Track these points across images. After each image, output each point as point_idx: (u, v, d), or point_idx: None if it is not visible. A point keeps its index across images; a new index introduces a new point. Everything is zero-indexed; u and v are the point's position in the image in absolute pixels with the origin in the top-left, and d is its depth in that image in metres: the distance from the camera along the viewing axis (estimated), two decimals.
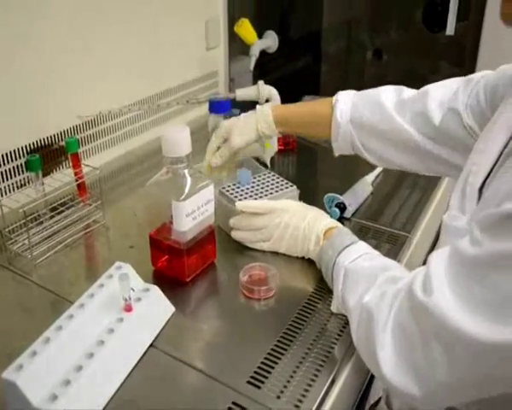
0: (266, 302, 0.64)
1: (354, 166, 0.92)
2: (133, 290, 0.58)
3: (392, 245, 0.75)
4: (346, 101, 0.73)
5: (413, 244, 0.78)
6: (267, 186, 0.79)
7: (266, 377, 0.53)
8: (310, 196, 0.76)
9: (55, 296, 0.65)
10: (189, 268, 0.67)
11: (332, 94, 0.76)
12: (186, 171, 0.64)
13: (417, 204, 0.86)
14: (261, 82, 0.98)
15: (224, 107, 1.04)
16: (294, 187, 0.79)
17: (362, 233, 0.77)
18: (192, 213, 0.64)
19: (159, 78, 1.13)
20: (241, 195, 0.76)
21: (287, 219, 0.69)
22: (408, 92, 0.69)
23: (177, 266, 0.67)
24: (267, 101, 0.98)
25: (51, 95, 0.89)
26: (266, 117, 0.76)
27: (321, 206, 0.75)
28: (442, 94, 0.65)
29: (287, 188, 0.79)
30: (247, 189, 0.78)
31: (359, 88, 0.76)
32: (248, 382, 0.52)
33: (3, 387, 0.47)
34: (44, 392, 0.47)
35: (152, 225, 0.68)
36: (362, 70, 1.59)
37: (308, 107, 0.75)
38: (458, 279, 0.40)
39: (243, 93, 1.00)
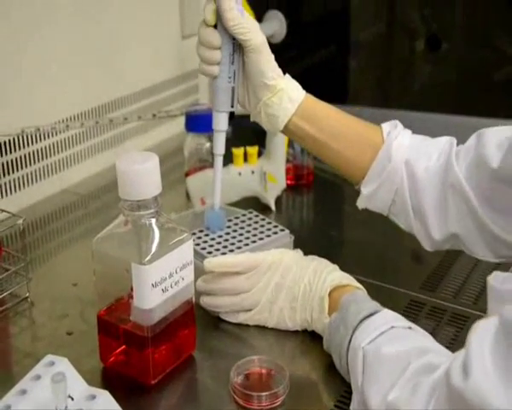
0: None
1: None
2: (72, 399, 0.58)
3: (457, 328, 0.76)
4: (403, 135, 0.77)
5: None
6: (248, 232, 0.83)
7: None
8: (329, 253, 0.78)
9: None
10: (155, 366, 0.67)
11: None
12: (153, 221, 0.66)
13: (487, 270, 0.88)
14: None
15: (208, 123, 1.05)
16: (287, 232, 0.84)
17: (412, 310, 0.79)
18: (161, 283, 0.65)
19: (112, 80, 1.16)
20: (213, 246, 0.80)
21: (278, 279, 0.72)
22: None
23: (139, 363, 0.67)
24: None
25: None
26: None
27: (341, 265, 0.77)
28: (500, 131, 0.71)
29: (276, 233, 0.83)
30: (221, 237, 0.81)
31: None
32: None
33: None
34: None
35: (101, 301, 0.69)
36: (410, 67, 1.63)
37: (350, 117, 0.79)
38: (507, 357, 0.44)
39: None
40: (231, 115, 0.81)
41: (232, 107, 0.79)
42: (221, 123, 0.80)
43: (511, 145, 0.67)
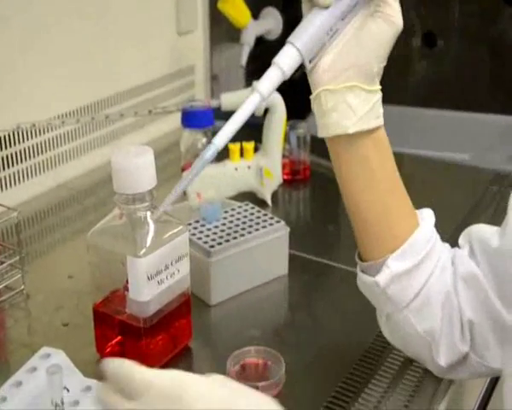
0: None
1: None
2: (67, 390, 0.58)
3: None
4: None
5: None
6: (244, 223, 0.83)
7: None
8: (326, 247, 0.78)
9: None
10: (151, 356, 0.67)
11: None
12: (148, 214, 0.66)
13: None
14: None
15: (204, 119, 1.07)
16: (282, 223, 0.84)
17: None
18: (157, 276, 0.65)
19: (108, 76, 1.17)
20: (209, 236, 0.80)
21: None
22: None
23: (135, 353, 0.67)
24: (266, 111, 1.02)
25: None
26: None
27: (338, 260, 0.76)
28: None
29: (271, 225, 0.83)
30: (217, 228, 0.82)
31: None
32: None
33: None
34: None
35: (97, 293, 0.69)
36: (407, 64, 1.64)
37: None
38: None
39: (231, 99, 1.03)
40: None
41: (301, 60, 0.60)
42: (282, 60, 0.60)
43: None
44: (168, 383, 0.46)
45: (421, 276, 0.63)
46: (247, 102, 0.59)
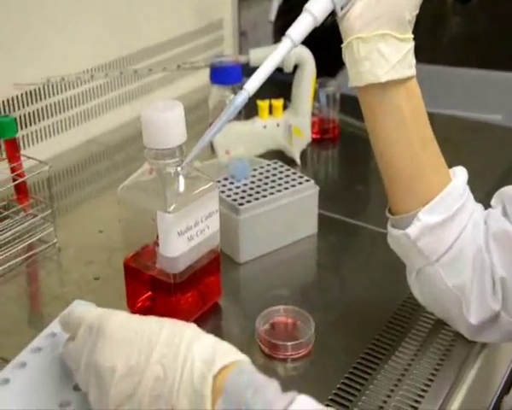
0: (296, 364, 0.65)
1: None
2: None
3: None
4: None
5: None
6: (273, 182, 0.83)
7: None
8: (355, 208, 0.77)
9: None
10: (181, 312, 0.68)
11: None
12: (178, 169, 0.66)
13: None
14: None
15: (233, 75, 1.06)
16: (312, 182, 0.83)
17: None
18: (187, 232, 0.65)
19: (136, 30, 1.15)
20: (238, 194, 0.80)
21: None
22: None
23: (165, 309, 0.68)
24: (295, 68, 1.00)
25: None
26: None
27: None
28: None
29: (300, 184, 0.82)
30: (246, 185, 0.82)
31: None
32: None
33: None
34: None
35: (127, 248, 0.70)
36: (439, 21, 1.60)
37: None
38: None
39: (261, 55, 1.02)
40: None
41: (333, 6, 0.58)
42: (314, 6, 0.58)
43: None
44: (94, 318, 0.51)
45: (453, 230, 0.62)
46: (278, 49, 0.58)
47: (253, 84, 0.57)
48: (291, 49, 0.58)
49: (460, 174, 0.65)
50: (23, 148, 0.98)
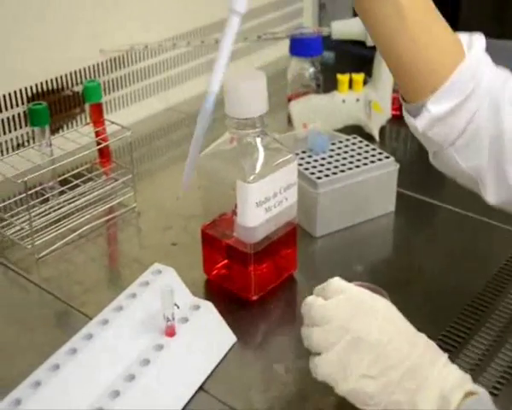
0: None
1: None
2: (177, 307, 0.59)
3: None
4: (482, 53, 0.60)
5: None
6: (352, 157, 0.81)
7: None
8: (434, 187, 0.74)
9: (64, 305, 0.69)
10: (257, 282, 0.68)
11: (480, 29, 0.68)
12: (258, 140, 0.65)
13: None
14: None
15: (313, 47, 1.05)
16: (392, 159, 0.81)
17: None
18: (265, 202, 0.65)
19: (218, 0, 1.14)
20: (316, 167, 0.79)
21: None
22: None
23: (241, 278, 0.68)
24: None
25: (62, 18, 0.92)
26: None
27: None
28: None
29: (380, 160, 0.80)
30: (324, 159, 0.80)
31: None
32: None
33: None
34: None
35: (205, 215, 0.70)
36: None
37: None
38: None
39: (342, 28, 1.00)
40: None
41: None
42: None
43: None
44: (357, 291, 0.56)
45: (466, 114, 0.58)
46: (227, 30, 0.55)
47: (216, 80, 0.54)
48: (240, 21, 0.54)
49: (475, 44, 0.59)
50: (106, 113, 0.99)
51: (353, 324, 0.52)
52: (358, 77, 0.99)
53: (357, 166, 0.79)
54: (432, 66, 0.58)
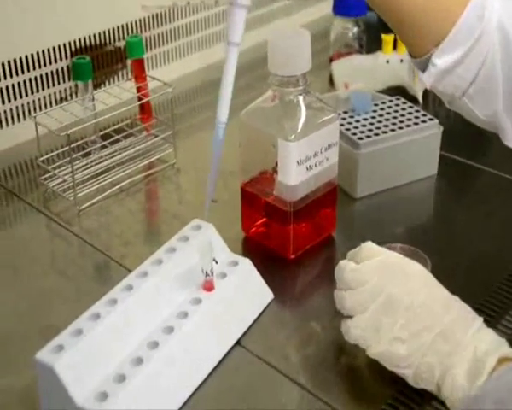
0: None
1: None
2: (216, 262, 0.60)
3: None
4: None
5: None
6: (395, 118, 0.79)
7: None
8: (477, 151, 0.72)
9: (104, 257, 0.70)
10: (295, 241, 0.68)
11: None
12: (301, 98, 0.64)
13: None
14: None
15: (356, 7, 1.03)
16: (435, 121, 0.80)
17: None
18: (306, 161, 0.65)
19: None
20: (358, 128, 0.77)
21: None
22: None
23: (279, 236, 0.68)
24: None
25: None
26: None
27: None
28: None
29: (424, 122, 0.79)
30: (366, 120, 0.79)
31: None
32: None
33: (36, 374, 0.51)
34: (90, 386, 0.50)
35: (245, 173, 0.69)
36: None
37: None
38: None
39: None
40: None
41: None
42: None
43: None
44: (389, 255, 0.56)
45: (476, 60, 0.55)
46: (228, 61, 0.57)
47: (223, 111, 0.54)
48: (238, 51, 0.56)
49: None
50: (148, 69, 0.99)
51: (385, 287, 0.52)
52: None
53: (400, 128, 0.77)
54: (435, 14, 0.55)
